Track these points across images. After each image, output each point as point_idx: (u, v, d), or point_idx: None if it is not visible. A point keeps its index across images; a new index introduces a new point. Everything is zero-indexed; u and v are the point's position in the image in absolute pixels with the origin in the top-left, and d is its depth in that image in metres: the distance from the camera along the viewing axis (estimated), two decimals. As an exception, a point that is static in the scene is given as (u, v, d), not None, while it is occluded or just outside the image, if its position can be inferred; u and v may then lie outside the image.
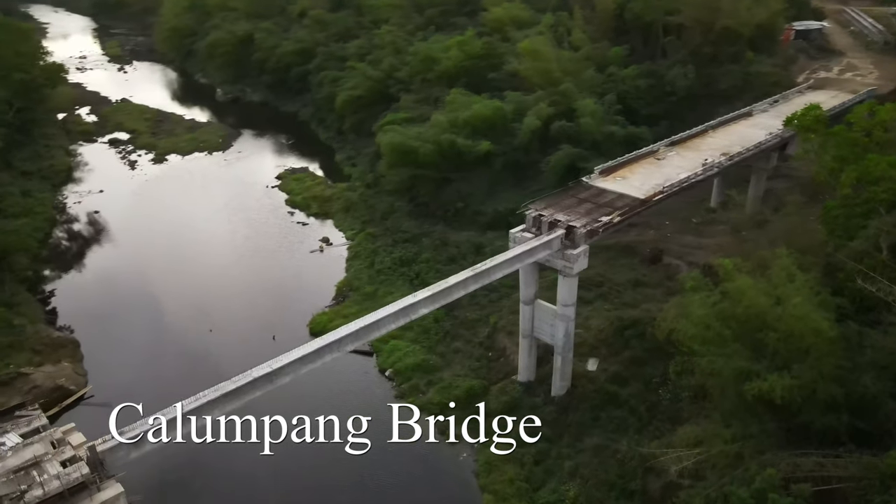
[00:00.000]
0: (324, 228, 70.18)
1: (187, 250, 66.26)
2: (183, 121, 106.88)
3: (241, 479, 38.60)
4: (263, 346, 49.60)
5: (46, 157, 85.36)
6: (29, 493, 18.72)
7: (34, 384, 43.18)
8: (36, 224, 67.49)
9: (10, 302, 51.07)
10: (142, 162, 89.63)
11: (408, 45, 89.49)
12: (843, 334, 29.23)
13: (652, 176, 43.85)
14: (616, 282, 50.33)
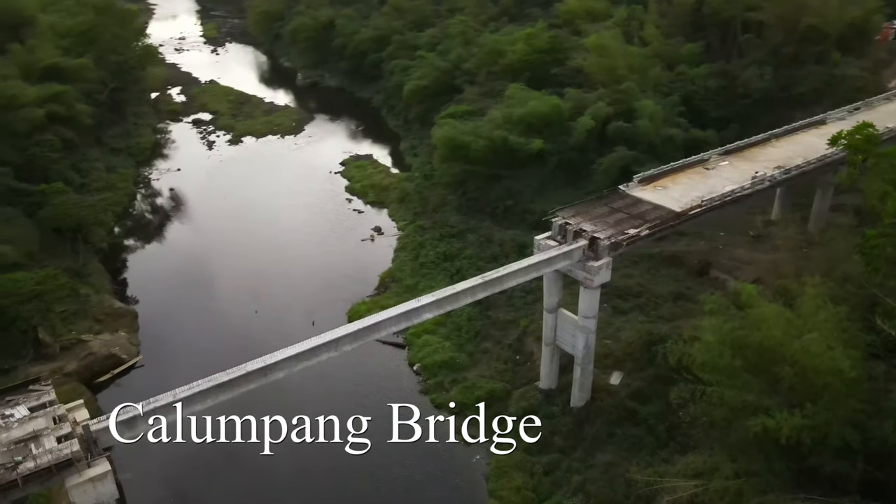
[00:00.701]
0: (378, 217, 71.54)
1: (248, 231, 69.41)
2: (262, 103, 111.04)
3: (259, 467, 40.31)
4: (302, 330, 51.26)
5: (135, 134, 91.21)
6: (22, 465, 20.78)
7: (90, 351, 46.81)
8: (116, 198, 72.57)
9: (80, 272, 55.32)
10: (219, 143, 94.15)
11: (477, 37, 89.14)
12: (867, 376, 27.20)
13: (695, 187, 41.98)
14: (656, 293, 48.73)
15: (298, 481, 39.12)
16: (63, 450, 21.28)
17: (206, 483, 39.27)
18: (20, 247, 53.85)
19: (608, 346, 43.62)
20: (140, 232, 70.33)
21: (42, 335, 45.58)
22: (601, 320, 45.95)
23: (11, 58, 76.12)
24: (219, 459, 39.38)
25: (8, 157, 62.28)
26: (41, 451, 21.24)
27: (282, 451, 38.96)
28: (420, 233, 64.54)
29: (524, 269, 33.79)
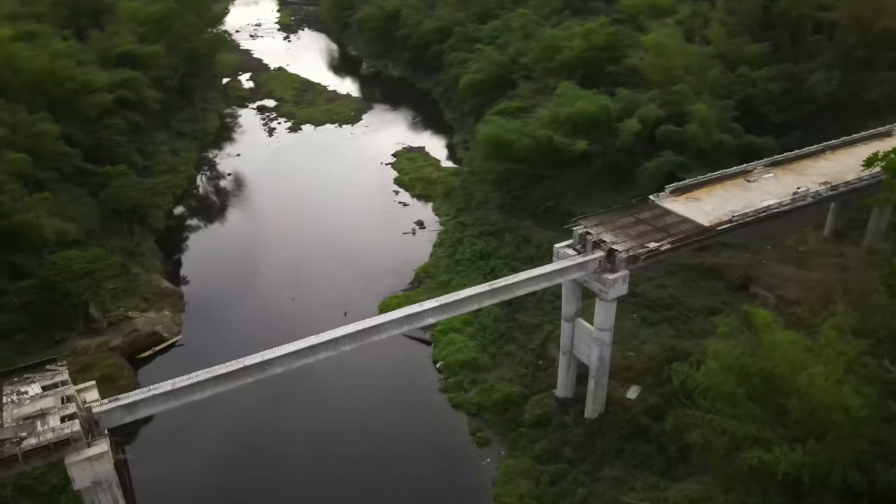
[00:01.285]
0: (423, 211, 72.18)
1: (296, 217, 71.56)
2: (325, 91, 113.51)
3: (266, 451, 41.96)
4: (334, 320, 52.82)
5: (201, 119, 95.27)
6: (25, 441, 22.59)
7: (135, 328, 49.69)
8: (177, 181, 76.20)
9: (133, 251, 58.68)
10: (279, 129, 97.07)
11: (537, 30, 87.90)
12: (882, 416, 25.69)
13: (730, 201, 40.32)
14: (689, 306, 47.21)
15: (312, 467, 40.28)
16: (65, 429, 22.99)
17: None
18: (82, 225, 57.55)
19: (630, 358, 42.75)
20: (196, 214, 73.62)
21: (92, 310, 48.71)
22: (626, 331, 45.35)
23: (91, 44, 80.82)
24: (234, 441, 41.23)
25: (78, 139, 66.39)
26: (45, 429, 23.04)
27: (298, 439, 40.50)
28: (460, 229, 64.75)
29: (535, 279, 33.53)
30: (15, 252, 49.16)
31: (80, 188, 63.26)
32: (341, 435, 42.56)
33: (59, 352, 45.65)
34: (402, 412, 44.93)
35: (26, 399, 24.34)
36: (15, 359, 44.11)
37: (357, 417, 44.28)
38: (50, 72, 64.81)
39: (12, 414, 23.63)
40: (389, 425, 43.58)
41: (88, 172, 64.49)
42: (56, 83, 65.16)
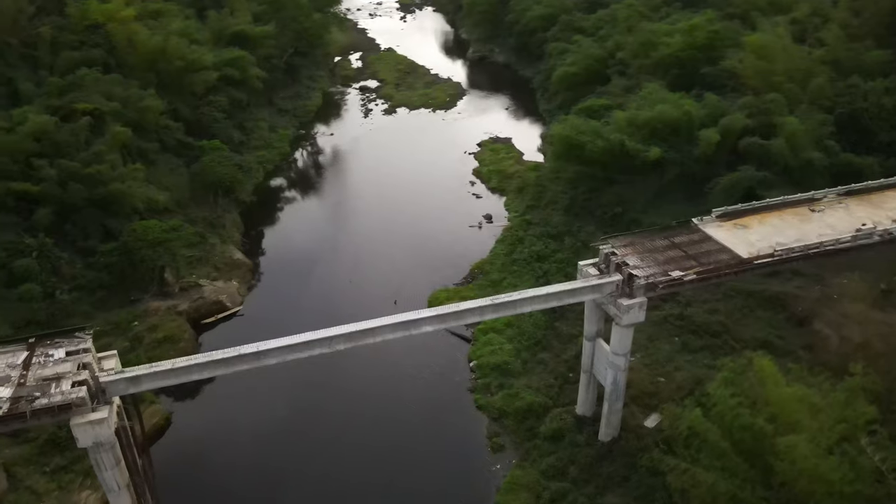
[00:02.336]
0: (494, 205, 72.10)
1: (371, 200, 73.98)
2: (427, 75, 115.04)
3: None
4: (384, 307, 54.77)
5: (304, 97, 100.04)
6: (38, 401, 25.91)
7: (201, 295, 54.13)
8: (270, 157, 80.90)
9: (215, 222, 63.46)
10: (375, 111, 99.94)
11: (640, 23, 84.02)
12: (872, 496, 23.48)
13: (783, 231, 37.34)
14: (738, 336, 44.45)
15: (325, 446, 42.31)
16: (72, 394, 26.10)
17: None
18: (174, 194, 63.17)
19: (658, 384, 41.18)
20: (282, 190, 77.96)
21: (167, 275, 53.55)
22: (663, 354, 43.73)
23: (208, 24, 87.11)
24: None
25: (183, 113, 72.35)
26: (57, 391, 26.28)
27: (322, 417, 42.68)
28: (524, 227, 64.27)
29: (543, 297, 33.09)
30: (109, 216, 54.84)
31: (178, 159, 69.13)
32: (362, 420, 44.23)
33: (132, 311, 51.03)
34: (426, 406, 46.02)
35: (50, 362, 27.82)
36: (94, 313, 49.81)
37: (383, 405, 45.83)
38: (163, 50, 70.75)
39: (35, 374, 27.15)
40: (411, 417, 44.83)
41: (188, 145, 70.20)
42: (167, 61, 71.06)
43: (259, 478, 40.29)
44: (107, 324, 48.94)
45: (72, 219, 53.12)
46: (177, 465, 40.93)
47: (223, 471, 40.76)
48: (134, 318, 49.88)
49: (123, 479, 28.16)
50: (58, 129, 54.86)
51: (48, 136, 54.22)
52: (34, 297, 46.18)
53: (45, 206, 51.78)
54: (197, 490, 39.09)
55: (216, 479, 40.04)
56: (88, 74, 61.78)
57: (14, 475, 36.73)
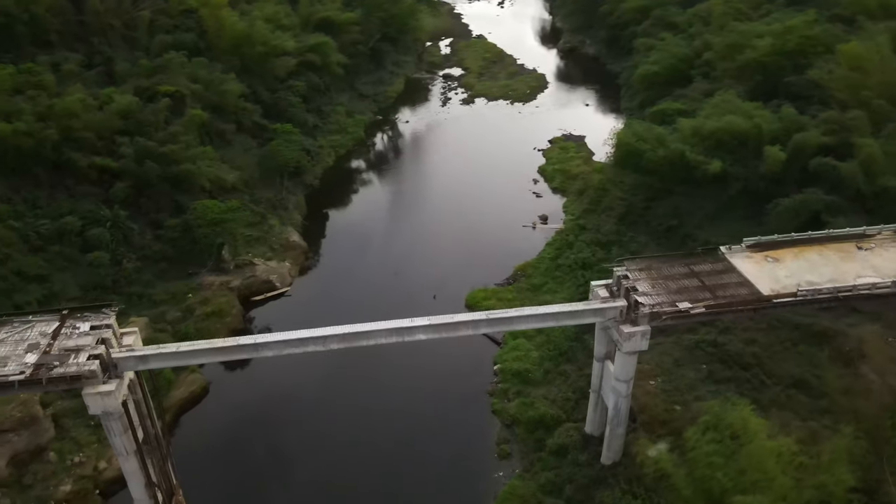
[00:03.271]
0: (553, 205, 71.23)
1: (432, 192, 75.21)
2: (513, 65, 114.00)
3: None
4: (423, 300, 56.22)
5: (386, 83, 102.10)
6: (56, 370, 29.02)
7: (253, 274, 57.48)
8: (342, 141, 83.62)
9: (277, 204, 66.83)
10: (454, 100, 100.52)
11: (732, 22, 79.26)
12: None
13: (817, 269, 34.88)
14: (771, 372, 42.08)
15: (338, 434, 44.09)
16: (85, 366, 29.05)
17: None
18: (244, 175, 67.02)
19: (674, 412, 39.84)
20: (349, 175, 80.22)
21: (224, 252, 57.23)
22: (685, 381, 42.36)
23: (298, 10, 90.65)
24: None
25: (262, 96, 76.24)
26: (74, 362, 29.33)
27: (341, 407, 44.50)
28: (576, 232, 63.20)
29: (541, 317, 32.90)
30: (180, 193, 59.19)
31: (253, 140, 73.15)
32: (380, 409, 45.65)
33: (189, 283, 55.05)
34: (444, 403, 46.85)
35: (76, 334, 31.01)
36: (155, 282, 54.23)
37: (403, 397, 47.07)
38: (248, 35, 74.67)
39: (60, 343, 30.40)
40: (427, 412, 45.84)
41: (263, 127, 74.02)
42: (251, 46, 74.93)
43: (273, 451, 42.82)
44: (165, 294, 53.18)
45: (146, 193, 57.76)
46: (203, 431, 44.36)
47: (243, 441, 43.52)
48: (189, 290, 53.81)
49: (131, 446, 31.12)
50: (141, 110, 59.55)
51: (132, 116, 58.99)
52: (102, 263, 50.95)
53: (123, 180, 56.60)
54: (213, 456, 42.18)
55: (234, 448, 42.91)
56: (175, 58, 66.36)
57: (62, 425, 41.17)
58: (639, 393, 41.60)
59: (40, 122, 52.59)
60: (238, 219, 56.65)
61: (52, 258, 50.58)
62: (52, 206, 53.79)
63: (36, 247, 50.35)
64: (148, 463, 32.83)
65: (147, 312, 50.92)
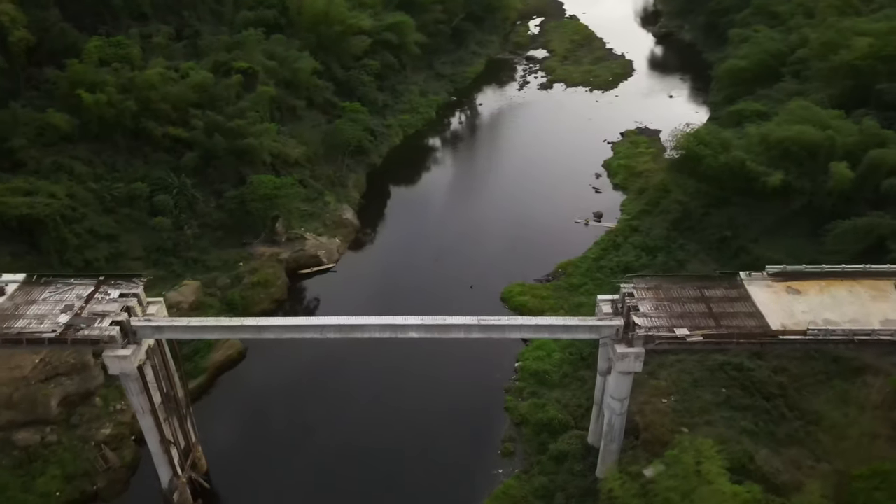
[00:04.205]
0: (611, 202, 69.47)
1: (490, 178, 75.31)
2: (600, 49, 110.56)
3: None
4: (460, 290, 57.07)
5: (466, 63, 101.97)
6: (82, 331, 32.30)
7: (303, 248, 60.27)
8: (412, 121, 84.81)
9: (335, 181, 69.24)
10: (531, 84, 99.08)
11: (836, 16, 73.02)
12: None
13: (841, 307, 32.58)
14: (796, 405, 40.02)
15: (352, 418, 45.94)
16: (106, 332, 32.20)
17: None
18: (308, 150, 69.85)
19: (680, 435, 38.80)
20: (413, 156, 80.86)
21: (278, 225, 60.34)
22: (700, 403, 41.28)
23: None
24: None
25: (336, 74, 78.64)
26: (98, 326, 32.57)
27: (358, 389, 46.42)
28: (627, 233, 61.56)
29: (533, 328, 32.93)
30: (244, 165, 62.62)
31: (324, 117, 75.83)
32: (399, 397, 47.08)
33: (241, 252, 58.58)
34: (462, 394, 47.59)
35: (106, 299, 34.29)
36: (210, 249, 58.09)
37: (423, 386, 48.34)
38: (325, 14, 76.86)
39: (91, 307, 33.75)
40: (442, 401, 46.85)
41: (334, 104, 76.48)
42: (328, 24, 77.11)
43: (296, 418, 45.18)
44: (218, 260, 56.97)
45: (213, 164, 61.57)
46: (234, 392, 47.67)
47: (269, 405, 46.31)
48: (241, 259, 57.37)
49: (147, 405, 34.33)
50: (214, 85, 63.18)
51: (206, 90, 62.72)
52: (165, 228, 55.24)
53: (193, 150, 60.57)
54: (240, 416, 45.41)
55: (260, 411, 45.83)
56: (252, 35, 69.58)
57: (109, 374, 45.56)
58: (648, 409, 40.91)
59: (122, 94, 56.96)
60: (290, 195, 59.31)
61: (122, 220, 55.37)
62: (128, 170, 58.59)
63: (109, 208, 55.23)
64: (165, 421, 36.01)
65: (201, 277, 54.82)
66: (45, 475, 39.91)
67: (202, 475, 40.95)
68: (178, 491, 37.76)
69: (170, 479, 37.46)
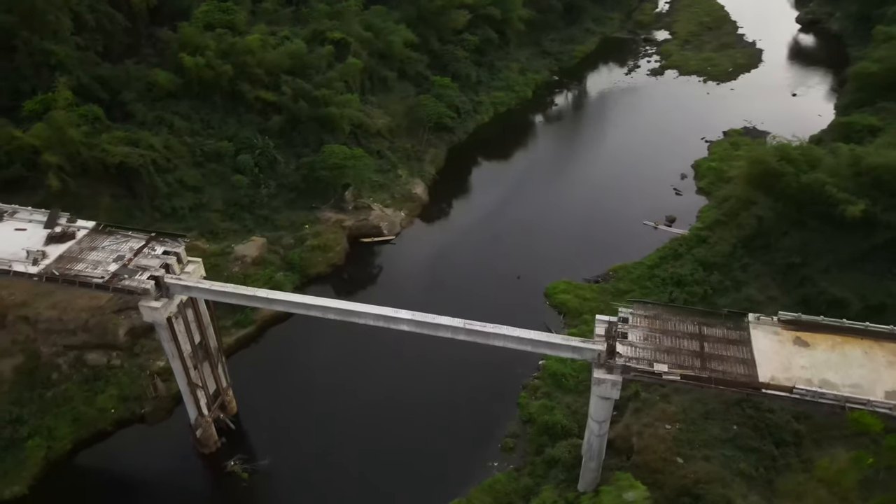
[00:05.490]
0: (690, 207, 66.10)
1: (570, 166, 73.92)
2: (729, 34, 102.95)
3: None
4: (507, 278, 57.74)
5: (577, 41, 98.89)
6: (124, 281, 36.88)
7: (367, 217, 63.18)
8: (504, 99, 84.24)
9: (412, 155, 71.15)
10: (642, 69, 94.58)
11: None
12: None
13: (851, 369, 30.06)
14: (808, 457, 37.55)
15: (374, 391, 48.56)
16: (143, 284, 36.65)
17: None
18: (392, 122, 72.27)
19: (673, 464, 38.02)
20: (498, 135, 79.98)
21: (347, 193, 63.64)
22: (703, 436, 40.13)
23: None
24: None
25: (432, 47, 79.81)
26: (137, 278, 37.11)
27: (383, 371, 48.88)
28: (693, 244, 58.67)
29: (517, 339, 33.19)
30: (326, 132, 66.17)
31: (415, 89, 77.58)
32: (418, 371, 49.09)
33: (309, 215, 62.48)
34: (479, 382, 48.71)
35: (151, 254, 38.83)
36: (282, 209, 62.47)
37: (444, 367, 49.73)
38: (425, -13, 77.74)
39: (137, 260, 38.42)
40: (460, 390, 48.29)
41: (426, 78, 77.97)
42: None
43: (325, 379, 48.62)
44: (286, 221, 61.28)
45: (297, 129, 65.67)
46: (276, 346, 51.97)
47: (305, 362, 50.10)
48: (307, 221, 61.33)
49: (175, 351, 38.93)
50: (307, 54, 66.75)
51: (300, 58, 66.47)
52: (241, 186, 60.25)
53: (280, 114, 64.89)
54: (273, 368, 49.60)
55: (295, 366, 49.74)
56: (351, 6, 72.20)
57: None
58: (647, 433, 40.27)
59: (221, 58, 61.89)
60: (359, 166, 62.03)
61: (208, 174, 60.99)
62: (222, 128, 63.99)
63: (198, 162, 60.98)
64: (194, 367, 40.64)
65: (268, 234, 59.51)
66: (104, 393, 46.36)
67: (230, 416, 45.68)
68: (202, 428, 42.64)
69: (196, 416, 42.32)
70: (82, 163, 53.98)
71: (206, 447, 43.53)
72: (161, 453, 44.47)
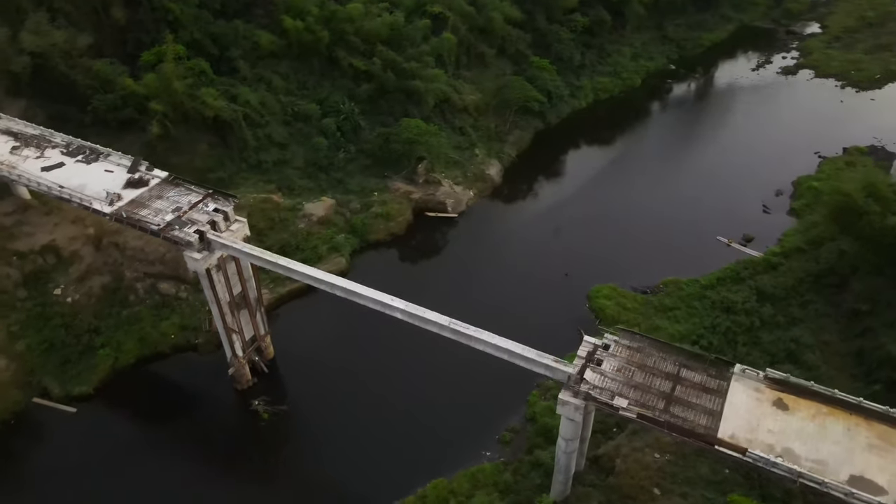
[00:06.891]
0: (775, 227, 61.34)
1: (655, 166, 70.56)
2: (891, 34, 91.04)
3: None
4: (555, 273, 57.63)
5: (707, 27, 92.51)
6: (173, 231, 41.49)
7: (433, 192, 64.86)
8: (609, 86, 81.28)
9: (492, 135, 71.16)
10: (772, 66, 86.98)
11: None
12: None
13: (822, 444, 28.02)
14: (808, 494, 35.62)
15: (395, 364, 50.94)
16: (187, 237, 41.23)
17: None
18: (481, 99, 72.84)
19: (649, 494, 37.61)
20: (591, 124, 77.08)
21: (420, 166, 65.67)
22: (694, 472, 39.47)
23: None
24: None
25: (538, 25, 78.40)
26: (185, 230, 41.72)
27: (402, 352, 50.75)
28: (760, 269, 55.08)
29: (495, 346, 33.95)
30: (412, 104, 68.23)
31: (513, 67, 77.12)
32: (444, 350, 49.96)
33: (380, 183, 65.30)
34: (497, 372, 49.32)
35: (203, 210, 43.36)
36: (356, 173, 65.77)
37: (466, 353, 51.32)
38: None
39: (190, 213, 43.05)
40: (480, 371, 49.01)
41: (525, 56, 77.09)
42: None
43: (361, 338, 50.87)
44: (357, 186, 64.54)
45: (384, 97, 68.24)
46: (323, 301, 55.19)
47: (346, 321, 52.28)
48: (377, 189, 64.28)
49: (213, 298, 43.72)
50: (404, 26, 68.52)
51: (397, 29, 68.49)
52: (320, 148, 64.15)
53: (370, 83, 67.70)
54: (316, 321, 53.28)
55: (337, 322, 52.46)
56: (456, -22, 72.60)
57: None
58: (632, 458, 39.93)
59: (320, 24, 65.31)
60: (431, 143, 63.53)
61: (294, 133, 65.48)
62: (316, 90, 68.08)
63: (287, 121, 65.57)
64: (231, 313, 45.40)
65: (338, 196, 63.17)
66: (168, 320, 52.79)
67: (266, 360, 50.51)
68: (234, 367, 47.75)
69: (231, 356, 47.44)
70: (184, 112, 60.04)
71: (238, 384, 48.68)
72: (203, 382, 50.27)
